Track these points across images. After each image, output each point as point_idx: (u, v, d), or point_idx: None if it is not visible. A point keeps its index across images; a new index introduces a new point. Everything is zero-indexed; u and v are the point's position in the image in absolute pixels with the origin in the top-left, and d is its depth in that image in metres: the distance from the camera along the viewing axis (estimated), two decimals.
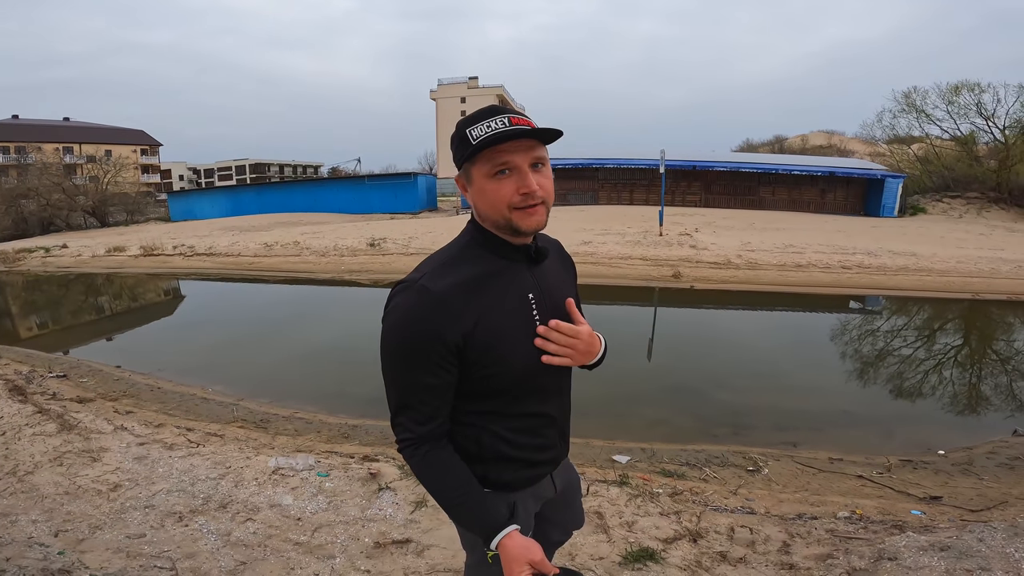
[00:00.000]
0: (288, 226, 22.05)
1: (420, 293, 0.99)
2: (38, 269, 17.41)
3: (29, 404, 4.37)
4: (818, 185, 23.33)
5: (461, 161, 1.02)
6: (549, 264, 1.18)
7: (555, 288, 1.17)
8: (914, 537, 2.04)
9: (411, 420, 1.05)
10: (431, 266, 1.05)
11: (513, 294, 1.07)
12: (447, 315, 0.98)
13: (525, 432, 1.15)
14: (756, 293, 10.30)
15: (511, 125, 0.97)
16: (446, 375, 1.02)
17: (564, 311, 1.17)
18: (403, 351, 1.01)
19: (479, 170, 1.00)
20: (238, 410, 5.09)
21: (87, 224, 31.48)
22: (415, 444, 1.05)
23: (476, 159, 0.99)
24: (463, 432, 1.12)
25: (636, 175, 25.02)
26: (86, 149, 45.44)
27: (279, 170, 78.22)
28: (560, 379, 1.21)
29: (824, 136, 60.11)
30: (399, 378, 1.03)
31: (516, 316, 1.07)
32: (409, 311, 0.99)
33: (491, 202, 1.01)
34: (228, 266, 15.43)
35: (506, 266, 1.08)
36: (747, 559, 2.16)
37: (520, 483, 1.20)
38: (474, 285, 1.03)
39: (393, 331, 1.01)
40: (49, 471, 3.14)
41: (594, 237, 13.70)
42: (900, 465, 3.61)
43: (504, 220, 1.02)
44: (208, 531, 2.46)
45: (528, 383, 1.11)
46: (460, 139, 1.00)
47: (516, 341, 1.06)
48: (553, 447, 1.24)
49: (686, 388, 5.74)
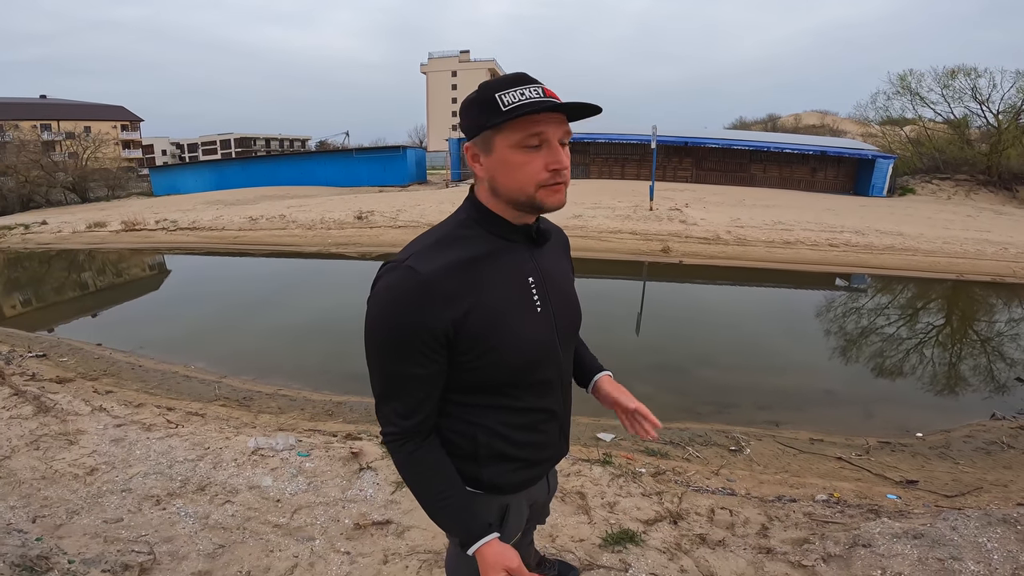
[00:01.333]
0: (274, 200, 21.72)
1: (407, 274, 0.91)
2: (18, 246, 17.03)
3: (6, 386, 4.28)
4: (809, 164, 23.44)
5: (481, 128, 0.92)
6: (550, 248, 1.11)
7: (556, 272, 1.10)
8: (888, 523, 2.05)
9: (395, 412, 0.99)
10: (422, 245, 0.97)
11: (512, 278, 1.00)
12: (435, 300, 0.91)
13: (525, 429, 1.08)
14: (744, 269, 10.34)
15: (545, 96, 0.89)
16: (433, 365, 0.95)
17: (566, 297, 1.11)
18: (387, 337, 0.94)
19: (506, 139, 0.91)
20: (220, 388, 5.04)
21: (67, 200, 30.81)
22: (400, 439, 1.00)
23: (504, 127, 0.90)
24: (456, 428, 1.05)
25: (628, 150, 24.92)
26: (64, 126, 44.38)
27: (265, 144, 76.83)
28: (563, 371, 1.13)
29: (817, 116, 60.14)
30: (383, 366, 0.96)
31: (514, 302, 1.00)
32: (394, 294, 0.92)
33: (515, 176, 0.93)
34: (212, 240, 15.18)
35: (505, 247, 1.00)
36: (726, 542, 2.17)
37: (516, 486, 1.13)
38: (468, 267, 0.95)
39: (377, 315, 0.94)
40: (26, 455, 3.08)
41: (584, 211, 13.63)
42: (879, 447, 3.65)
43: (526, 197, 0.94)
44: (186, 514, 2.43)
45: (527, 375, 1.03)
46: (485, 103, 0.90)
47: (514, 328, 0.98)
48: (553, 444, 1.17)
49: (672, 365, 5.76)
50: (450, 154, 29.86)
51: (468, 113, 0.95)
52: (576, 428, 4.05)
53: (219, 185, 31.02)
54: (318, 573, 2.04)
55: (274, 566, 2.07)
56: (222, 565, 2.07)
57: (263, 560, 2.10)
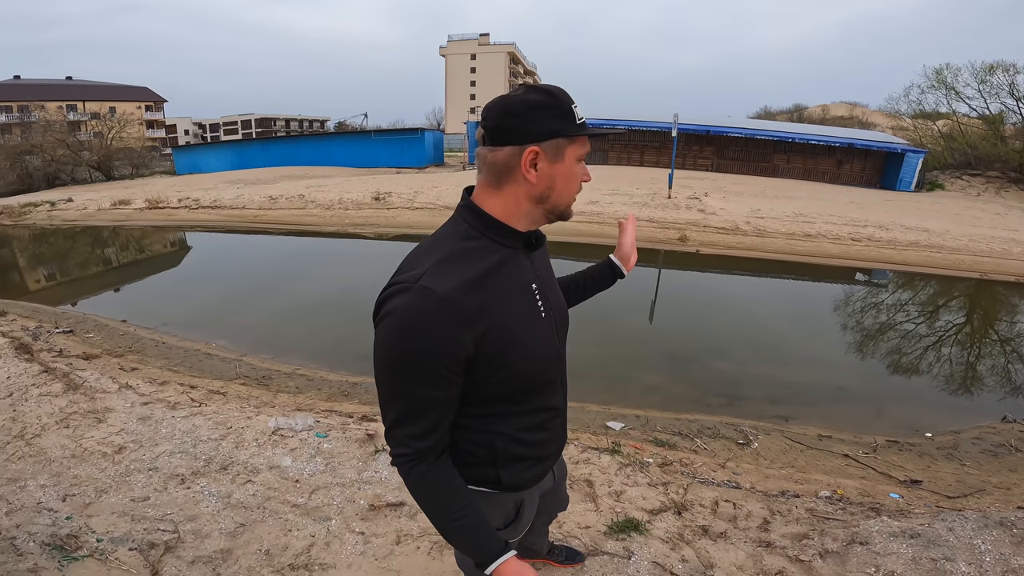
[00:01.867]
0: (294, 179, 21.91)
1: (424, 295, 0.87)
2: (44, 223, 17.46)
3: (36, 363, 4.44)
4: (835, 155, 22.94)
5: (556, 134, 0.92)
6: (541, 251, 1.13)
7: (548, 274, 1.15)
8: (887, 522, 2.09)
9: (410, 435, 0.96)
10: (430, 262, 0.92)
11: (519, 286, 1.00)
12: (457, 322, 0.88)
13: (535, 429, 1.11)
14: (762, 260, 10.25)
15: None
16: (453, 387, 0.94)
17: (558, 298, 1.15)
18: (406, 363, 0.90)
19: (575, 151, 0.96)
20: (241, 367, 5.16)
21: (92, 178, 31.43)
22: (412, 461, 0.97)
23: (576, 140, 0.95)
24: (474, 439, 1.06)
25: (648, 137, 24.61)
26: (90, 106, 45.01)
27: (285, 124, 77.23)
28: (564, 371, 1.18)
29: (846, 107, 58.60)
30: (400, 390, 0.93)
31: (525, 310, 1.00)
32: (412, 317, 0.87)
33: (571, 185, 0.99)
34: (233, 219, 15.44)
35: (509, 255, 0.99)
36: (727, 534, 2.22)
37: (530, 481, 1.16)
38: (482, 282, 0.93)
39: (394, 340, 0.89)
40: (56, 433, 3.20)
41: (601, 197, 13.56)
42: (886, 446, 3.66)
43: (567, 204, 1.01)
44: (209, 493, 2.54)
45: (541, 378, 1.06)
46: (564, 112, 0.92)
47: (527, 341, 0.99)
48: (559, 438, 1.21)
49: (685, 355, 5.77)
50: (468, 137, 29.76)
51: (536, 115, 0.91)
52: (586, 415, 4.12)
53: (240, 165, 31.43)
54: (333, 552, 2.14)
55: (292, 545, 2.18)
56: (242, 543, 2.18)
57: (281, 539, 2.21)
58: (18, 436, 3.17)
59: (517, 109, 0.92)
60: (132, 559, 2.04)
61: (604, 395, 4.60)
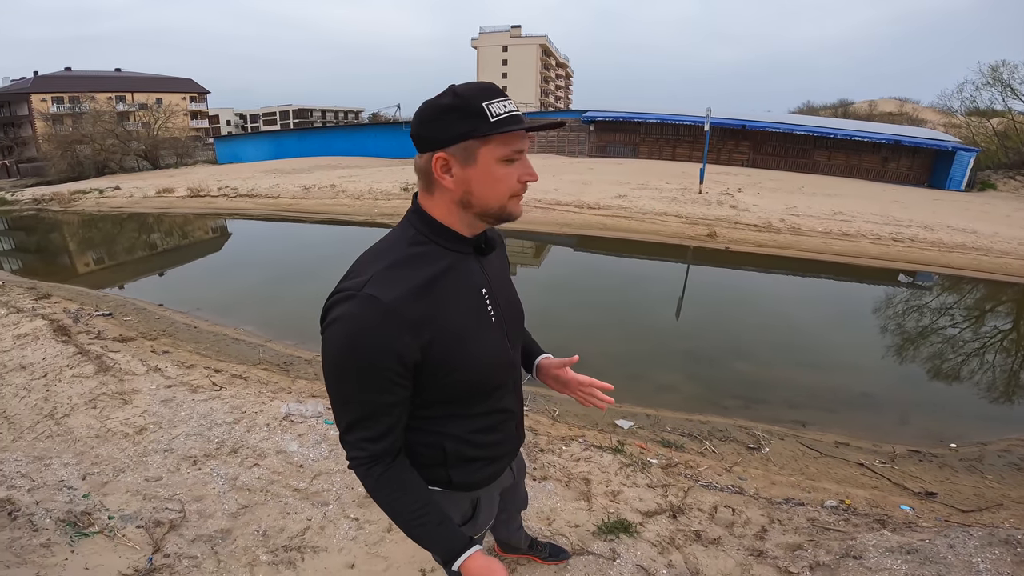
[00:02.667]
0: (327, 169, 22.36)
1: (370, 303, 0.88)
2: (92, 209, 18.31)
3: (71, 345, 4.67)
4: (880, 153, 22.05)
5: (464, 136, 0.88)
6: (495, 254, 1.12)
7: (502, 279, 1.12)
8: (887, 536, 2.02)
9: (363, 439, 0.97)
10: (376, 268, 0.92)
11: (467, 292, 0.99)
12: (402, 329, 0.88)
13: (486, 431, 1.12)
14: (795, 259, 9.95)
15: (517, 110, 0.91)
16: (401, 392, 0.94)
17: (510, 301, 1.13)
18: (353, 370, 0.90)
19: (492, 152, 0.90)
20: (264, 352, 5.32)
21: (140, 167, 32.81)
22: (368, 463, 0.98)
23: (491, 139, 0.89)
24: (423, 440, 1.07)
25: (680, 131, 24.17)
26: (138, 97, 46.69)
27: (321, 115, 78.77)
28: (515, 371, 1.17)
29: (895, 103, 56.07)
30: (350, 395, 0.94)
31: (473, 315, 0.99)
32: (359, 324, 0.88)
33: (496, 188, 0.93)
34: (268, 207, 15.90)
35: (456, 260, 0.98)
36: (721, 541, 2.19)
37: (483, 480, 1.17)
38: (428, 288, 0.93)
39: (339, 348, 0.90)
40: (84, 414, 3.37)
41: (630, 191, 13.39)
42: (906, 455, 3.52)
43: (499, 207, 0.95)
44: (218, 475, 2.65)
45: (488, 383, 1.06)
46: (473, 112, 0.87)
47: (475, 342, 0.99)
48: (512, 439, 1.22)
49: (705, 354, 5.66)
50: None
51: (444, 120, 0.89)
52: (595, 413, 4.10)
53: (277, 154, 32.27)
54: (327, 536, 2.20)
55: (288, 527, 2.25)
56: (242, 524, 2.27)
57: (279, 521, 2.29)
58: (48, 415, 3.35)
59: (427, 115, 0.91)
60: (138, 536, 2.15)
61: (617, 392, 4.42)
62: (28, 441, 3.05)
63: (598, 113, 26.36)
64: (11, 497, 2.33)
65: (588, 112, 26.91)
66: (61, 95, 43.28)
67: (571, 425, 3.76)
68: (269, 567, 2.03)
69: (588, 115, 26.60)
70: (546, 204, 12.89)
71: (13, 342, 4.76)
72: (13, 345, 4.69)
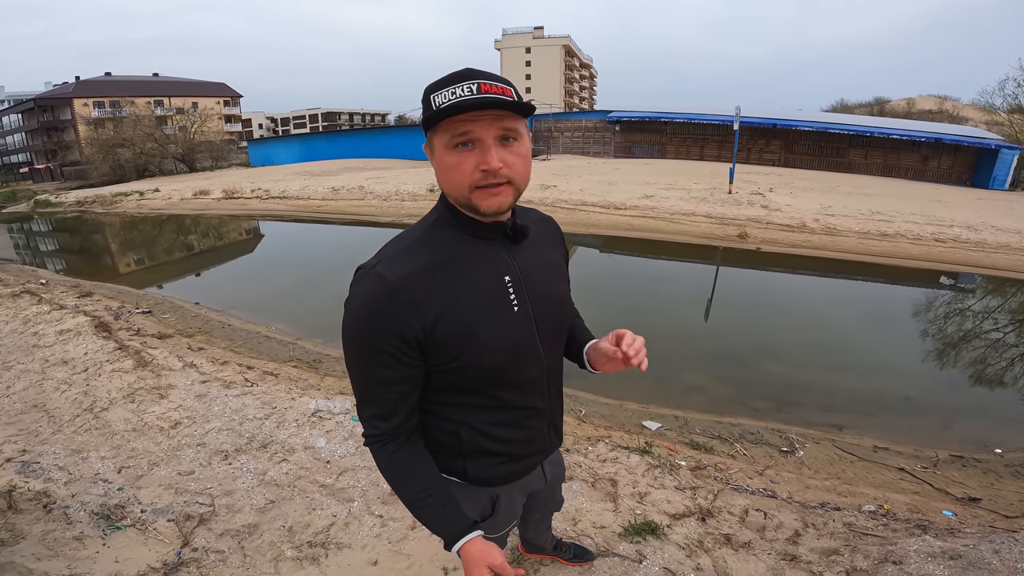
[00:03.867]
0: (355, 171, 22.70)
1: (376, 282, 0.91)
2: (133, 211, 18.98)
3: (112, 340, 4.82)
4: (920, 151, 21.33)
5: (425, 129, 0.91)
6: (531, 243, 1.06)
7: (538, 269, 1.07)
8: (929, 541, 1.92)
9: (374, 416, 1.00)
10: (393, 249, 0.96)
11: (486, 278, 0.97)
12: (403, 307, 0.90)
13: (507, 425, 1.08)
14: (830, 260, 9.66)
15: (479, 93, 0.84)
16: (407, 369, 0.95)
17: (548, 294, 1.08)
18: (359, 344, 0.94)
19: (440, 140, 0.89)
20: (295, 349, 5.42)
21: (177, 170, 33.93)
22: (381, 441, 1.01)
23: (437, 128, 0.88)
24: (440, 426, 1.07)
25: (708, 130, 23.82)
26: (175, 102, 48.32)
27: (349, 118, 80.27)
28: (547, 370, 1.10)
29: (934, 101, 54.15)
30: (358, 371, 0.97)
31: (489, 302, 0.97)
32: (364, 301, 0.91)
33: (450, 178, 0.91)
34: (299, 208, 16.24)
35: (478, 246, 0.98)
36: (752, 544, 2.12)
37: (504, 478, 1.14)
38: (437, 270, 0.93)
39: (349, 322, 0.94)
40: (122, 408, 3.47)
41: (657, 191, 13.21)
42: (949, 460, 3.37)
43: (464, 199, 0.92)
44: (247, 470, 2.69)
45: (507, 375, 1.02)
46: (425, 104, 0.89)
47: (484, 333, 0.96)
48: (541, 439, 1.17)
49: (736, 356, 5.53)
50: None
51: (423, 112, 0.92)
52: (623, 413, 4.05)
53: (307, 157, 32.95)
54: (351, 532, 2.21)
55: (313, 523, 2.28)
56: (269, 519, 2.30)
57: (305, 517, 2.31)
58: (88, 409, 3.47)
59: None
60: (168, 529, 2.20)
61: (644, 393, 4.50)
62: (67, 434, 3.16)
63: (623, 113, 26.15)
64: (47, 490, 2.41)
65: (613, 112, 26.71)
66: (102, 99, 45.04)
67: (597, 426, 3.71)
68: (293, 562, 2.05)
69: (613, 115, 26.40)
70: (572, 204, 12.82)
71: (56, 338, 4.94)
72: (56, 341, 4.88)
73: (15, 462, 2.72)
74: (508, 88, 0.89)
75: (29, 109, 47.05)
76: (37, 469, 2.66)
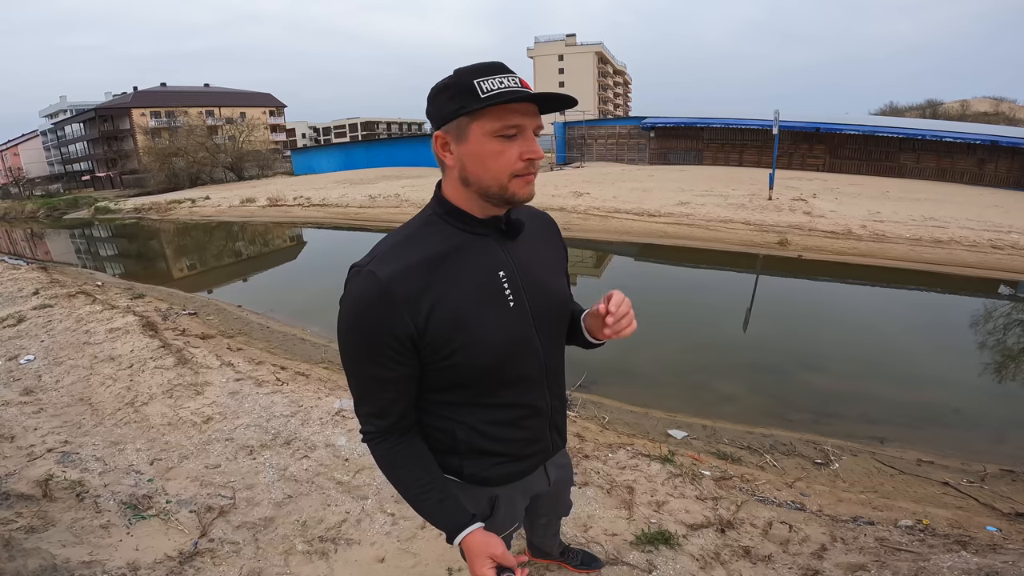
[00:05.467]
0: (391, 179, 23.20)
1: (368, 279, 0.91)
2: (185, 218, 19.92)
3: (157, 339, 5.05)
4: (976, 154, 20.19)
5: (456, 114, 0.88)
6: (526, 238, 1.05)
7: (533, 263, 1.05)
8: (966, 557, 1.79)
9: (370, 413, 1.01)
10: (385, 246, 0.96)
11: (479, 273, 0.97)
12: (396, 304, 0.90)
13: (505, 424, 1.07)
14: (878, 268, 9.23)
15: (521, 87, 0.87)
16: (400, 367, 0.95)
17: (544, 288, 1.06)
18: (353, 342, 0.95)
19: (482, 127, 0.88)
20: (327, 351, 5.54)
21: (227, 178, 35.50)
22: (378, 438, 1.02)
23: (482, 114, 0.87)
24: (435, 424, 1.06)
25: (747, 136, 23.25)
26: (224, 112, 50.34)
27: (387, 127, 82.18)
28: (546, 367, 1.08)
29: (990, 103, 51.50)
30: (353, 368, 0.98)
31: (481, 299, 0.96)
32: (357, 300, 0.92)
33: (490, 166, 0.90)
34: (337, 216, 16.69)
35: (472, 241, 0.97)
36: (772, 558, 2.03)
37: (503, 478, 1.13)
38: (430, 267, 0.93)
39: (343, 320, 0.95)
40: (160, 403, 3.62)
41: (693, 198, 12.95)
42: (999, 475, 3.16)
43: (500, 187, 0.91)
44: (270, 465, 2.76)
45: (503, 371, 1.00)
46: (462, 89, 0.87)
47: (479, 328, 0.95)
48: (541, 439, 1.14)
49: (773, 366, 5.34)
50: (555, 137, 29.76)
51: (439, 99, 0.91)
52: (648, 421, 3.97)
53: (346, 165, 33.92)
54: (362, 529, 2.24)
55: (327, 519, 2.31)
56: (284, 513, 2.35)
57: (319, 512, 2.35)
58: (129, 403, 3.64)
59: (429, 95, 0.93)
60: (189, 520, 2.27)
61: (671, 402, 4.40)
62: (107, 427, 3.32)
63: (658, 119, 25.80)
64: (82, 479, 2.53)
65: (647, 119, 26.39)
66: (158, 109, 47.32)
67: (620, 433, 3.65)
68: (303, 556, 2.09)
69: (647, 122, 26.08)
70: (605, 212, 12.70)
71: (105, 335, 5.21)
72: (105, 338, 5.14)
73: (56, 452, 2.88)
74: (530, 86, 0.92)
75: (90, 119, 49.06)
76: (76, 459, 2.80)
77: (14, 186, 46.96)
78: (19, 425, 3.35)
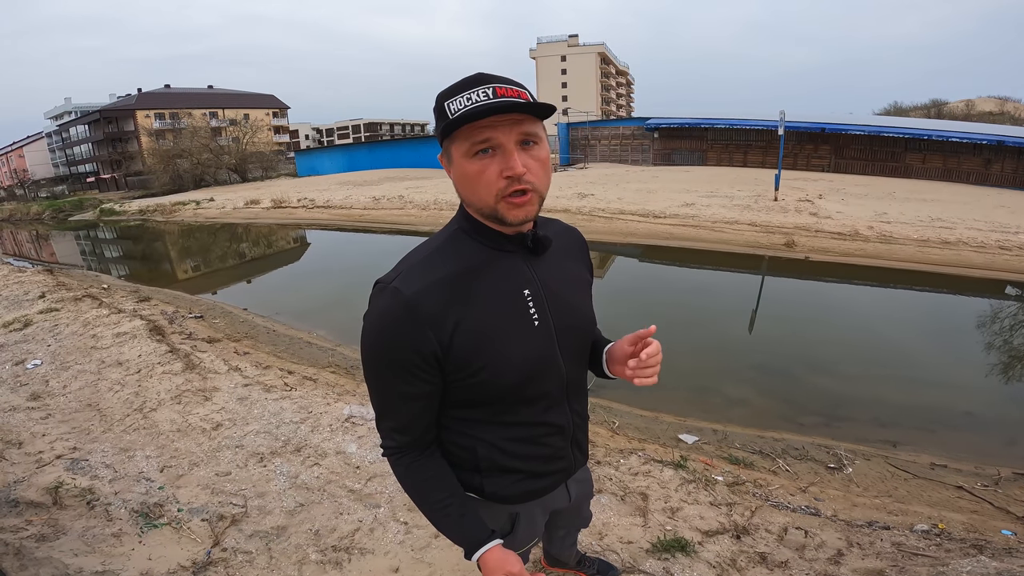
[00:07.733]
0: (395, 181, 23.21)
1: (392, 297, 0.90)
2: (190, 219, 19.96)
3: (164, 343, 5.04)
4: (982, 154, 20.10)
5: (441, 137, 0.90)
6: (553, 254, 1.03)
7: (559, 281, 1.03)
8: (984, 561, 1.77)
9: (391, 428, 1.01)
10: (410, 263, 0.95)
11: (505, 290, 0.95)
12: (420, 322, 0.89)
13: (526, 442, 1.05)
14: (885, 270, 9.18)
15: (496, 97, 0.83)
16: (424, 385, 0.94)
17: (569, 307, 1.04)
18: (377, 359, 0.94)
19: (459, 149, 0.87)
20: (334, 355, 5.53)
21: (231, 180, 35.58)
22: (399, 453, 1.02)
23: (454, 136, 0.86)
24: (456, 440, 1.05)
25: (751, 136, 23.20)
26: (228, 113, 50.43)
27: (390, 129, 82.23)
28: (569, 384, 1.07)
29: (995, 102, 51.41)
30: (376, 384, 0.98)
31: (508, 316, 0.95)
32: (381, 317, 0.92)
33: (473, 187, 0.88)
34: (341, 218, 16.72)
35: (497, 258, 0.96)
36: (789, 564, 2.01)
37: (523, 496, 1.11)
38: (455, 284, 0.92)
39: (367, 336, 0.94)
40: (169, 409, 3.61)
41: (697, 199, 12.92)
42: (1013, 478, 3.13)
43: (489, 209, 0.89)
44: (281, 473, 2.75)
45: (524, 390, 0.99)
46: (439, 112, 0.87)
47: (504, 347, 0.94)
48: (564, 457, 1.13)
49: (783, 369, 5.31)
50: (559, 139, 29.74)
51: (437, 122, 0.90)
52: (658, 426, 3.95)
53: (350, 167, 33.99)
54: (376, 538, 2.22)
55: (339, 527, 2.29)
56: (297, 522, 2.33)
57: (332, 521, 2.34)
58: (137, 409, 3.63)
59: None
60: (201, 529, 2.26)
61: (681, 406, 4.37)
62: (116, 433, 3.31)
63: (661, 120, 25.77)
64: (92, 487, 2.52)
65: (651, 119, 26.35)
66: (162, 111, 47.41)
67: (631, 438, 3.63)
68: (317, 566, 2.07)
69: (651, 122, 26.04)
70: (609, 213, 12.67)
71: (112, 340, 5.21)
72: (112, 343, 5.13)
73: (65, 459, 2.87)
74: (523, 91, 0.87)
75: (95, 120, 49.12)
76: (85, 466, 2.79)
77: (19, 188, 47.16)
78: (27, 431, 3.35)
